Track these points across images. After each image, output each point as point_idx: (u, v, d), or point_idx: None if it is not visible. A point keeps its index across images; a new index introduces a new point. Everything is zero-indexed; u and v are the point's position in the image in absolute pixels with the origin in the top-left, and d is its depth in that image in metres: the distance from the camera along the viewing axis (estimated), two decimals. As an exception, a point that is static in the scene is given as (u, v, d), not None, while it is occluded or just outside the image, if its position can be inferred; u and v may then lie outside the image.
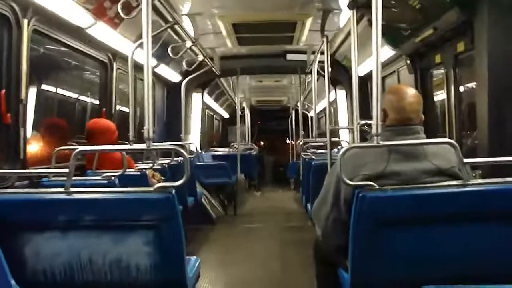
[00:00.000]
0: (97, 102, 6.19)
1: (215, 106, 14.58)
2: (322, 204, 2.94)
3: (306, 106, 14.35)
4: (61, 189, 2.55)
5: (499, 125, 3.73)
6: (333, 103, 9.45)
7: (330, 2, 5.85)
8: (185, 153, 2.68)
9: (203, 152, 10.72)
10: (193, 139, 9.94)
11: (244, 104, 14.66)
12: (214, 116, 15.93)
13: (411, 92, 2.83)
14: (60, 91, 5.71)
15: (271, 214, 10.06)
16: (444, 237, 2.47)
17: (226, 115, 17.48)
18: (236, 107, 10.90)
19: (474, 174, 3.52)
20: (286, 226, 8.45)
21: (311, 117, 12.80)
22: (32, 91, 4.46)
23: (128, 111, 6.39)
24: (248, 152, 12.01)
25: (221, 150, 11.76)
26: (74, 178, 2.60)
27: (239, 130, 10.89)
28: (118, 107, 6.19)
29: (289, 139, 16.46)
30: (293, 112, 14.92)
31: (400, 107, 2.74)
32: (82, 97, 6.29)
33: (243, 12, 6.36)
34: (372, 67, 2.66)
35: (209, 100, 12.82)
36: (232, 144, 12.32)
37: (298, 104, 10.96)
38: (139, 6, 4.12)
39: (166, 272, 2.55)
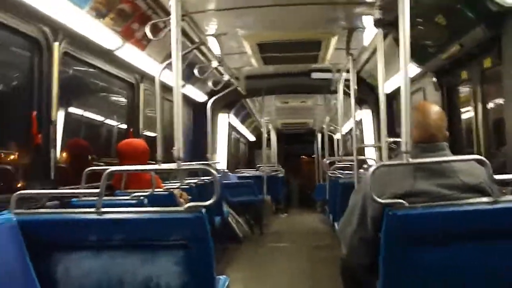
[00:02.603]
0: (124, 122, 6.26)
1: (241, 128, 14.60)
2: (347, 223, 2.92)
3: (332, 128, 14.31)
4: (92, 209, 2.58)
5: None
6: (358, 124, 9.43)
7: (355, 21, 5.86)
8: (214, 173, 2.70)
9: (229, 173, 10.75)
10: (220, 159, 9.97)
11: (270, 127, 14.65)
12: (240, 139, 15.94)
13: (435, 109, 2.82)
14: (88, 112, 5.79)
15: (298, 234, 10.03)
16: (475, 255, 2.44)
17: (252, 138, 17.45)
18: (262, 128, 10.91)
19: (504, 191, 3.48)
20: (313, 245, 8.41)
21: (337, 140, 12.78)
22: (61, 112, 4.53)
23: (152, 132, 6.48)
24: (274, 174, 12.00)
25: (248, 171, 11.74)
26: (103, 198, 2.63)
27: (265, 152, 10.87)
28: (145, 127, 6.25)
29: (315, 162, 16.37)
30: (319, 135, 14.88)
31: (425, 124, 2.73)
32: (109, 118, 6.36)
33: (268, 31, 6.40)
34: (399, 84, 2.66)
35: (235, 122, 12.86)
36: (259, 166, 12.28)
37: (324, 125, 10.96)
38: (166, 28, 4.19)
39: (196, 291, 2.55)
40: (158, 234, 2.55)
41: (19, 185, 3.90)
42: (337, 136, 12.61)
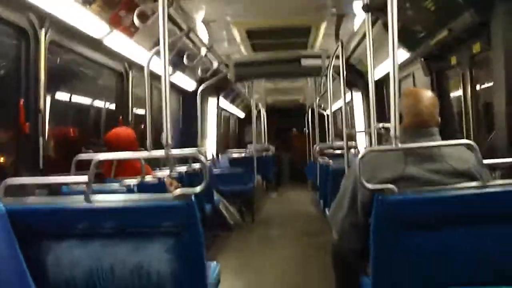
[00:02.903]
0: (113, 108, 6.24)
1: (231, 107, 14.59)
2: (338, 208, 2.93)
3: (322, 106, 14.31)
4: (81, 197, 2.56)
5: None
6: (349, 103, 9.43)
7: (344, 6, 5.85)
8: (204, 160, 2.69)
9: (219, 156, 10.73)
10: (209, 145, 9.96)
11: (259, 105, 14.65)
12: (230, 116, 15.93)
13: (427, 95, 2.82)
14: (77, 100, 5.76)
15: (289, 219, 10.04)
16: (465, 239, 2.45)
17: (242, 115, 17.43)
18: (252, 109, 10.90)
19: (493, 175, 3.50)
20: (304, 231, 8.43)
21: (327, 116, 12.81)
22: (49, 100, 4.50)
23: (143, 117, 6.47)
24: (264, 154, 12.02)
25: (237, 152, 11.73)
26: (93, 186, 2.61)
27: (254, 132, 10.87)
28: (135, 112, 6.24)
29: (306, 136, 16.35)
30: (310, 111, 14.89)
31: (417, 110, 2.74)
32: (98, 107, 6.34)
33: (257, 18, 6.38)
34: (388, 70, 2.65)
35: (225, 102, 12.84)
36: (248, 145, 12.31)
37: (314, 104, 10.98)
38: (154, 14, 4.16)
39: (187, 278, 2.55)
40: (148, 222, 2.55)
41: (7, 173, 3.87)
42: (328, 112, 12.64)
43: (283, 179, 17.12)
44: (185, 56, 6.37)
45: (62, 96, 5.30)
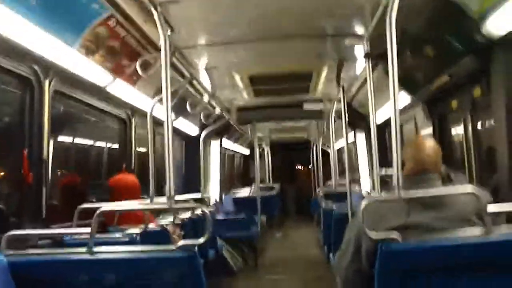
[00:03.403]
0: (116, 158, 6.26)
1: (235, 146, 14.59)
2: (342, 256, 2.91)
3: (326, 144, 14.32)
4: (84, 249, 2.55)
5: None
6: (352, 144, 9.45)
7: (345, 52, 5.90)
8: (206, 211, 2.69)
9: (223, 197, 10.69)
10: (213, 188, 9.94)
11: (263, 144, 14.66)
12: (235, 154, 15.93)
13: (429, 144, 2.82)
14: (80, 147, 5.79)
15: (294, 263, 9.93)
16: (469, 287, 2.42)
17: (246, 152, 17.42)
18: (255, 149, 10.91)
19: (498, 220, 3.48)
20: (309, 277, 8.32)
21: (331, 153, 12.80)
22: (52, 148, 4.52)
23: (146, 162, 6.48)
24: (268, 193, 11.98)
25: (242, 191, 11.67)
26: (95, 235, 2.60)
27: (258, 172, 10.83)
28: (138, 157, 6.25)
29: (311, 171, 16.29)
30: (314, 146, 14.90)
31: (419, 158, 2.73)
32: (101, 154, 6.36)
33: (259, 65, 6.43)
34: (390, 115, 2.66)
35: (228, 142, 12.85)
36: (253, 184, 12.27)
37: (318, 142, 11.00)
38: (157, 62, 4.20)
39: (189, 329, 2.52)
40: (151, 273, 2.53)
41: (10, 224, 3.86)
42: (331, 150, 12.64)
43: (289, 213, 17.00)
44: (187, 103, 6.40)
45: (65, 143, 5.32)
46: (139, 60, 4.16)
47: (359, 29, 4.86)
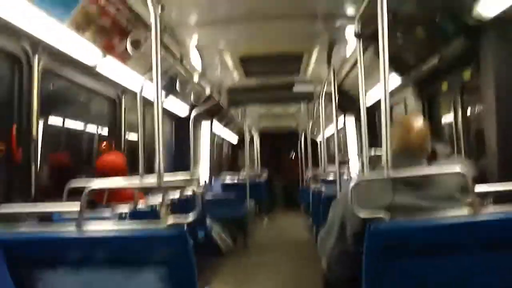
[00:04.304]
0: (106, 134, 6.24)
1: (224, 132, 14.62)
2: (327, 237, 2.91)
3: (315, 132, 14.36)
4: (73, 226, 2.55)
5: (509, 151, 3.72)
6: (342, 129, 9.48)
7: (336, 34, 5.89)
8: (195, 189, 2.69)
9: (212, 180, 10.70)
10: (203, 169, 9.95)
11: (253, 130, 14.69)
12: (224, 141, 15.96)
13: (418, 124, 2.81)
14: (70, 125, 5.76)
15: (282, 244, 10.00)
16: (457, 267, 2.44)
17: (235, 140, 17.47)
18: (245, 135, 10.94)
19: (485, 202, 3.50)
20: (297, 257, 8.38)
21: (320, 142, 12.82)
22: (42, 127, 4.50)
23: (135, 143, 6.47)
24: (257, 180, 12.03)
25: (231, 177, 11.74)
26: (85, 213, 2.60)
27: (247, 157, 10.88)
28: (127, 137, 6.24)
29: (298, 161, 16.37)
30: (302, 136, 14.97)
31: (406, 139, 2.74)
32: (91, 133, 6.33)
33: (250, 45, 6.41)
34: (380, 96, 2.66)
35: (218, 126, 12.87)
36: (242, 170, 12.35)
37: (307, 130, 11.03)
38: (147, 41, 4.18)
39: (178, 307, 2.53)
40: (140, 251, 2.53)
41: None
42: (320, 138, 12.64)
43: (276, 203, 17.09)
44: (178, 82, 6.38)
45: (54, 122, 5.29)
46: (130, 38, 4.12)
47: (351, 10, 4.86)
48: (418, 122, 2.84)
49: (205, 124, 10.48)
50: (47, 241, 2.59)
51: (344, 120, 9.73)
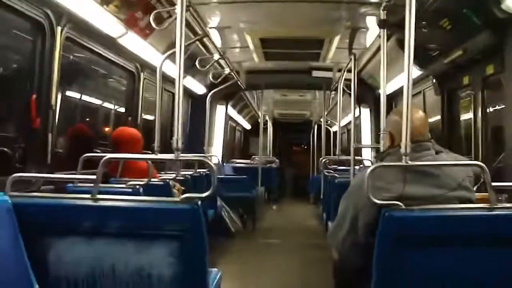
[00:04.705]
0: (122, 110, 6.27)
1: (238, 117, 14.63)
2: (338, 227, 2.90)
3: (329, 122, 14.36)
4: (88, 196, 2.56)
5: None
6: (356, 120, 9.45)
7: (359, 21, 5.85)
8: (212, 165, 2.69)
9: (224, 164, 10.74)
10: (216, 151, 9.98)
11: (267, 117, 14.68)
12: (236, 127, 15.98)
13: (417, 115, 2.81)
14: (88, 98, 5.78)
15: (290, 230, 10.04)
16: (469, 260, 2.43)
17: (248, 126, 17.48)
18: (259, 120, 10.95)
19: (500, 198, 3.49)
20: (305, 243, 8.41)
21: (334, 133, 12.80)
22: (61, 97, 4.52)
23: (152, 120, 6.49)
24: (269, 165, 12.05)
25: (242, 162, 11.79)
26: (99, 185, 2.61)
27: (261, 143, 10.91)
28: (143, 116, 6.25)
29: (310, 152, 16.37)
30: (316, 126, 14.93)
31: (412, 130, 2.72)
32: (108, 105, 6.36)
33: (271, 27, 6.39)
34: (400, 86, 2.65)
35: (232, 112, 12.89)
36: (253, 156, 12.38)
37: (321, 119, 11.03)
38: (171, 18, 4.17)
39: (188, 282, 2.53)
40: (153, 224, 2.54)
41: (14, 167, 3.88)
42: (334, 128, 12.61)
43: (286, 193, 17.11)
44: (197, 61, 6.37)
45: (73, 93, 5.31)
46: (153, 14, 4.11)
47: (376, -3, 4.82)
48: (417, 112, 2.86)
49: (220, 107, 10.47)
50: (60, 208, 2.62)
51: (360, 109, 9.69)
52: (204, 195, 2.48)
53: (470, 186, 2.60)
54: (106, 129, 6.26)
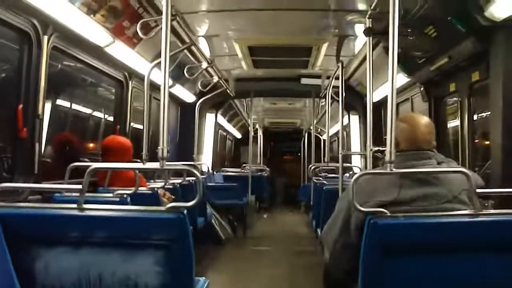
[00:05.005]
0: (111, 118, 6.25)
1: (228, 126, 14.63)
2: (331, 229, 2.93)
3: (319, 130, 14.36)
4: (74, 205, 2.56)
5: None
6: (345, 128, 9.48)
7: (346, 29, 5.89)
8: (198, 174, 2.69)
9: (214, 173, 10.73)
10: (205, 160, 9.97)
11: (257, 125, 14.68)
12: (227, 136, 15.98)
13: (423, 121, 2.83)
14: (75, 107, 5.77)
15: (281, 237, 10.04)
16: (454, 266, 2.44)
17: (239, 135, 17.49)
18: (249, 128, 10.97)
19: (486, 204, 3.51)
20: (295, 250, 8.42)
21: (324, 140, 12.85)
22: (48, 106, 4.51)
23: (141, 128, 6.48)
24: (259, 173, 12.05)
25: (233, 171, 11.79)
26: (86, 194, 2.61)
27: (251, 152, 10.92)
28: (132, 125, 6.24)
29: (301, 161, 16.40)
30: (306, 135, 14.96)
31: (412, 137, 2.74)
32: (97, 114, 6.35)
33: (260, 35, 6.40)
34: (386, 93, 2.67)
35: (222, 121, 12.89)
36: (244, 165, 12.39)
37: (311, 127, 11.06)
38: (158, 27, 4.18)
39: (175, 292, 2.54)
40: (139, 233, 2.54)
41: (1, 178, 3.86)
42: (325, 136, 12.68)
43: (277, 202, 17.10)
44: (185, 70, 6.38)
45: (61, 102, 5.30)
46: (140, 23, 4.12)
47: (362, 5, 4.85)
48: (423, 119, 2.85)
49: (210, 116, 10.47)
50: (47, 218, 2.60)
51: (349, 116, 9.73)
52: (190, 204, 2.48)
53: (466, 200, 2.59)
54: (95, 138, 6.25)
